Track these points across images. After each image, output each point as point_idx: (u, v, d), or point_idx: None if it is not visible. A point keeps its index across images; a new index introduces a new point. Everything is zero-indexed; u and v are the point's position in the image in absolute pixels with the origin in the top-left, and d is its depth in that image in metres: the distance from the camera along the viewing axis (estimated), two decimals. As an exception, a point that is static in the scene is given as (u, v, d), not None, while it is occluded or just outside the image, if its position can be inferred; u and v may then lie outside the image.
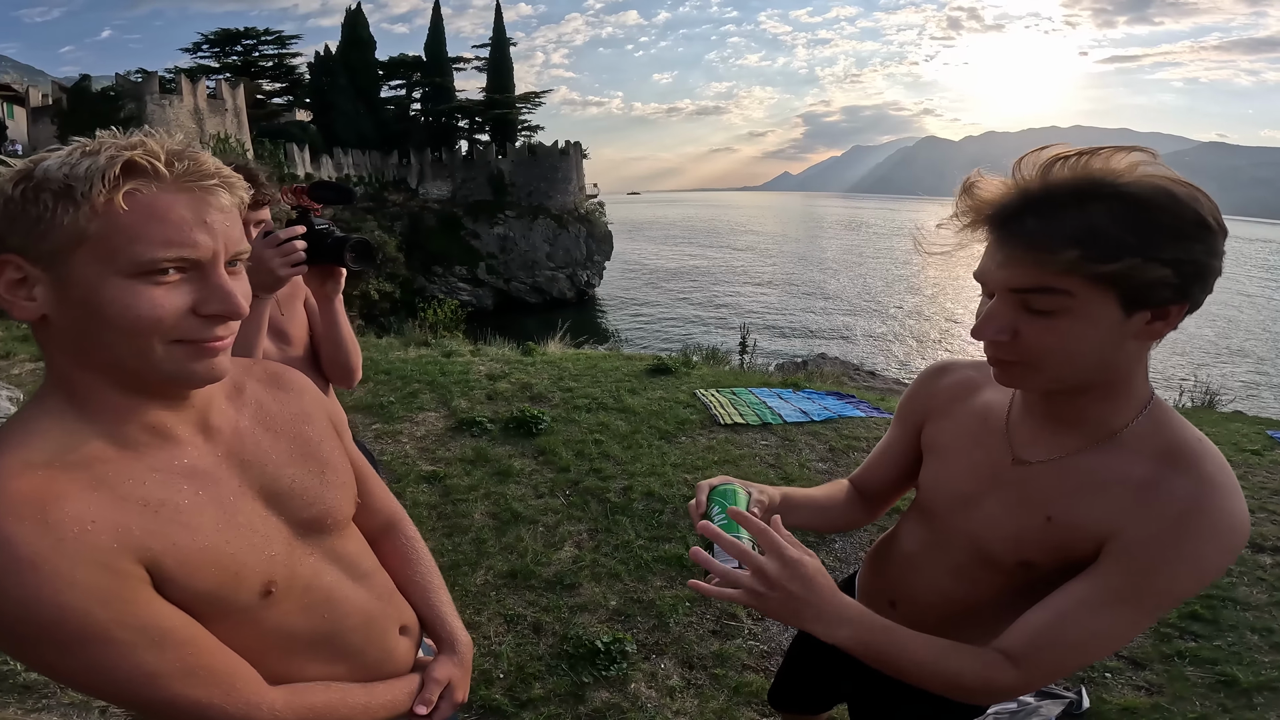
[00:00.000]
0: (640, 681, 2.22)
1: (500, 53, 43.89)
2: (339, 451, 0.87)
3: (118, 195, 0.59)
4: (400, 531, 1.04)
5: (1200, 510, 0.72)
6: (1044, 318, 0.71)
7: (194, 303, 0.64)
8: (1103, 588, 0.76)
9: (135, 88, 26.95)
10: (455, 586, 2.68)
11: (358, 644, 0.83)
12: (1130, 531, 0.75)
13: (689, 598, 2.64)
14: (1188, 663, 2.31)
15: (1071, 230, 0.67)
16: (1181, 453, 0.76)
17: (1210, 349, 28.17)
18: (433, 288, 30.71)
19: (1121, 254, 0.66)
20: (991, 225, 0.73)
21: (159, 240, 0.61)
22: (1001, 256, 0.72)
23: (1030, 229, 0.69)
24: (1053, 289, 0.69)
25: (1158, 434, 0.78)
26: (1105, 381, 0.78)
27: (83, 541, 0.58)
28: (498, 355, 6.00)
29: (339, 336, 1.59)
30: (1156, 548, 0.73)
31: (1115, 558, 0.76)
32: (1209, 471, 0.74)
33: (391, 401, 4.56)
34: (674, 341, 21.76)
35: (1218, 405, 6.54)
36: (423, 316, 9.49)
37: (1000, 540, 0.88)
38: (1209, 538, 0.72)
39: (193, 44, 39.37)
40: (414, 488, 3.44)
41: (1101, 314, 0.70)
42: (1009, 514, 0.87)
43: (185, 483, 0.68)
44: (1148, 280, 0.67)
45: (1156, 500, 0.74)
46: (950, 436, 0.98)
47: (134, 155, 0.59)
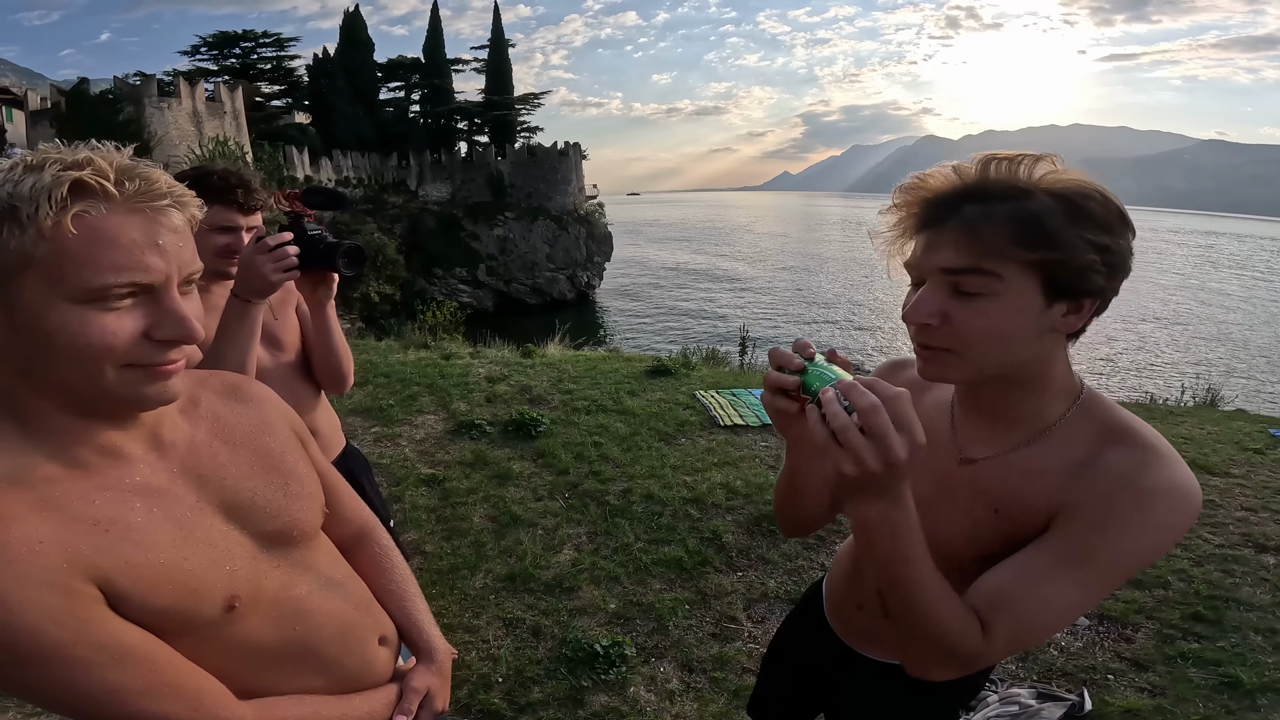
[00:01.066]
0: (640, 685, 2.21)
1: (499, 54, 43.88)
2: (303, 462, 0.86)
3: (65, 218, 0.56)
4: (373, 540, 1.02)
5: (1142, 470, 0.74)
6: (972, 301, 0.73)
7: (147, 327, 0.62)
8: (1050, 551, 0.77)
9: (134, 91, 26.95)
10: (454, 590, 2.67)
11: (334, 655, 0.81)
12: (1074, 498, 0.77)
13: (688, 600, 2.63)
14: (1191, 664, 2.29)
15: (1006, 216, 0.71)
16: (1116, 430, 0.79)
17: (1210, 347, 28.15)
18: (432, 289, 30.71)
19: (1053, 240, 0.69)
20: (929, 212, 0.76)
21: (109, 265, 0.58)
22: (937, 241, 0.75)
23: (967, 213, 0.72)
24: (984, 270, 0.72)
25: (1091, 421, 0.81)
26: (1027, 375, 0.80)
27: (31, 562, 0.57)
28: (497, 357, 5.99)
29: (331, 342, 1.58)
30: (1101, 510, 0.75)
31: (1061, 524, 0.77)
32: (1146, 439, 0.77)
33: (391, 404, 4.55)
34: (673, 342, 21.75)
35: (1219, 404, 6.52)
36: (422, 319, 9.49)
37: (956, 539, 0.89)
38: (1156, 498, 0.73)
39: (191, 47, 39.35)
40: (413, 490, 3.43)
41: (1026, 300, 0.73)
42: (961, 513, 0.88)
43: (137, 500, 0.66)
44: (1076, 266, 0.70)
45: (1097, 471, 0.77)
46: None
47: (82, 176, 0.57)
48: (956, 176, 0.75)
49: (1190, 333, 30.54)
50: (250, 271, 1.25)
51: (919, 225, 0.77)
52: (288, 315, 1.64)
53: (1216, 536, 3.06)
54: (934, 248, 0.75)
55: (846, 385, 0.65)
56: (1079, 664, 2.32)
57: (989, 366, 0.78)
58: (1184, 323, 33.41)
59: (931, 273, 0.76)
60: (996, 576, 0.79)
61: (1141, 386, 17.48)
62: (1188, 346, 27.84)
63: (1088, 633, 2.48)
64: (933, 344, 0.78)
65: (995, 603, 0.76)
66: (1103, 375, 21.97)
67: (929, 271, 0.76)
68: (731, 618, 2.54)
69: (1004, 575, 0.78)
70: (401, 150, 37.91)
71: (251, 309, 1.29)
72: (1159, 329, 31.51)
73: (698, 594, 2.67)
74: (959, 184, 0.74)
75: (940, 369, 0.81)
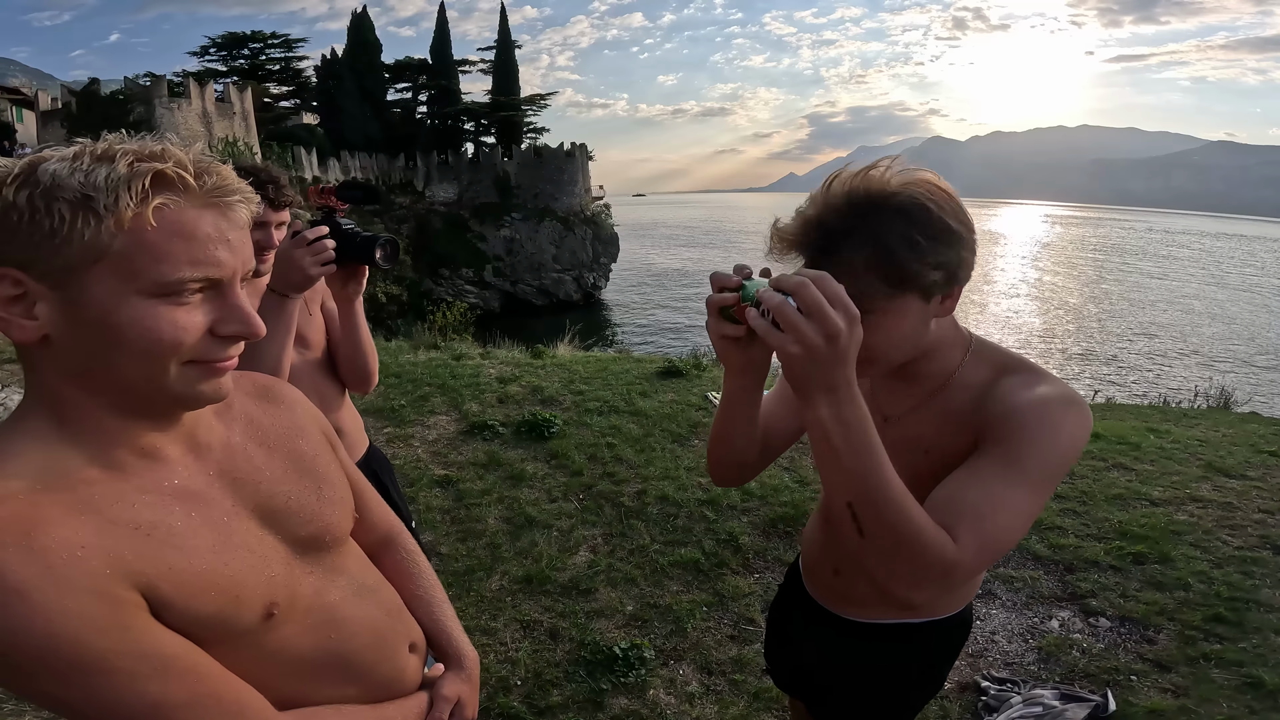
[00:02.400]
0: (659, 688, 2.21)
1: (505, 55, 43.96)
2: (334, 465, 0.85)
3: (147, 210, 0.55)
4: (400, 546, 1.00)
5: (1035, 386, 0.88)
6: (867, 321, 0.78)
7: (212, 322, 0.62)
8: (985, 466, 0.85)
9: (144, 91, 27.11)
10: (470, 592, 2.67)
11: (368, 663, 0.80)
12: (987, 420, 0.88)
13: (706, 602, 2.62)
14: (1213, 665, 2.28)
15: (859, 252, 0.81)
16: (1007, 363, 0.94)
17: (1218, 349, 27.97)
18: (439, 290, 30.80)
19: (904, 266, 0.81)
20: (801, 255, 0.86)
21: (185, 259, 0.58)
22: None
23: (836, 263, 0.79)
24: (868, 298, 0.80)
25: (985, 361, 0.95)
26: (927, 350, 0.94)
27: (73, 568, 0.55)
28: (507, 358, 5.99)
29: (358, 340, 1.58)
30: (1015, 419, 0.85)
31: (983, 442, 0.88)
32: (1033, 367, 0.92)
33: (403, 405, 4.56)
34: (683, 343, 21.73)
35: (1233, 406, 6.48)
36: (431, 319, 9.50)
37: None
38: (1053, 403, 0.85)
39: (200, 48, 39.62)
40: (427, 492, 3.44)
41: (909, 307, 0.85)
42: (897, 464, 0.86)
43: (177, 504, 0.65)
44: (928, 282, 0.83)
45: (999, 392, 0.89)
46: None
47: (166, 168, 0.56)
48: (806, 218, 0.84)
49: (1202, 335, 30.36)
50: (289, 265, 1.26)
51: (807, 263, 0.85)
52: (315, 313, 1.64)
53: (1235, 539, 3.04)
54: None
55: (777, 277, 0.72)
56: (1102, 665, 2.30)
57: (897, 359, 0.92)
58: (1193, 326, 33.17)
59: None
60: (943, 491, 0.85)
61: (1153, 389, 17.38)
62: (1199, 346, 27.67)
63: (1110, 634, 2.46)
64: None
65: (952, 510, 0.80)
66: (1115, 382, 21.85)
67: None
68: (749, 619, 2.53)
69: (950, 488, 0.85)
70: (409, 151, 38.04)
71: (288, 304, 1.29)
72: (1165, 330, 31.31)
73: (715, 596, 2.67)
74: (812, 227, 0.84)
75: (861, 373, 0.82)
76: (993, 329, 32.78)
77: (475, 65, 45.39)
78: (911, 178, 0.83)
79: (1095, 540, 3.04)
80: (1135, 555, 2.88)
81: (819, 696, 1.29)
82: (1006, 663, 2.37)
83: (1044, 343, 29.25)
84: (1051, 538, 3.05)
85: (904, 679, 1.17)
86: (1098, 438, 4.17)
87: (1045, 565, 2.89)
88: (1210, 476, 3.68)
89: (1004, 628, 2.54)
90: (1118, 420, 5.03)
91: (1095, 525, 3.16)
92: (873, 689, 1.19)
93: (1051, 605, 2.65)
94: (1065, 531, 3.09)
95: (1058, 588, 2.75)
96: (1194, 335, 29.60)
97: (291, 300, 1.30)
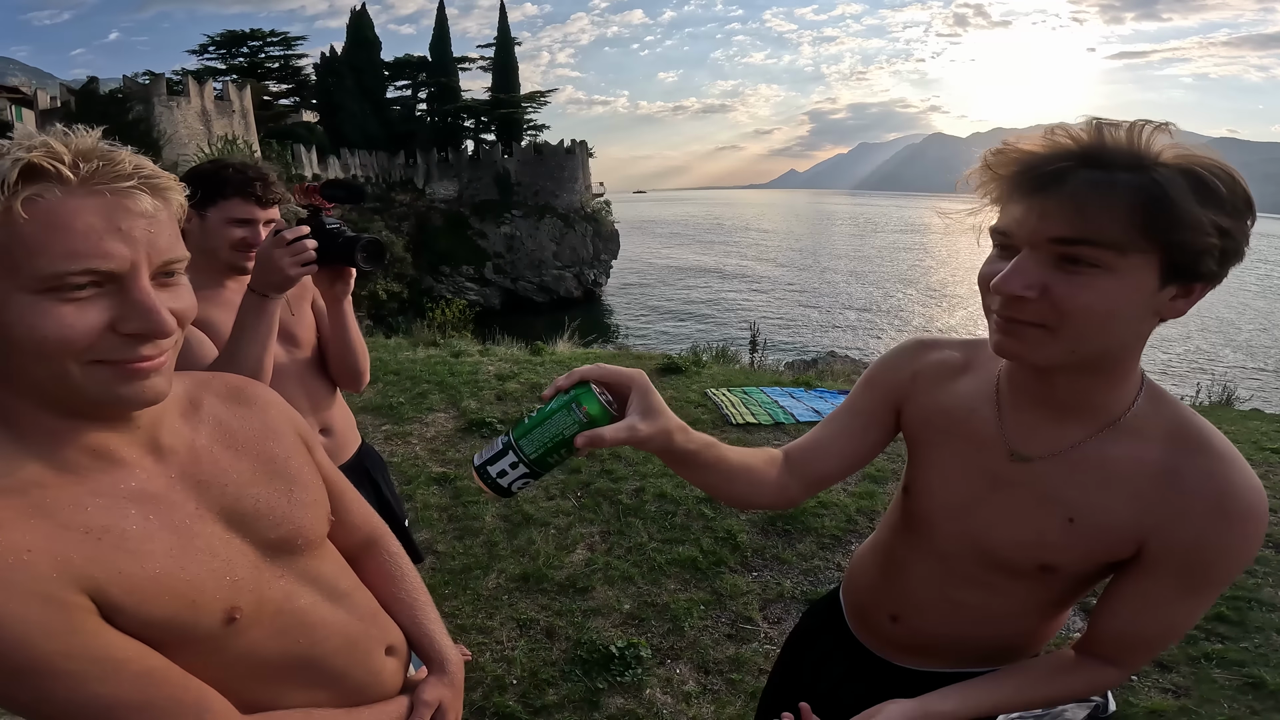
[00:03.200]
0: (655, 687, 2.19)
1: (505, 53, 43.92)
2: (308, 467, 0.83)
3: (15, 202, 0.53)
4: (382, 548, 0.99)
5: (1228, 494, 0.73)
6: (1080, 274, 0.67)
7: (112, 320, 0.58)
8: (1164, 590, 0.77)
9: (143, 90, 27.09)
10: (467, 590, 2.66)
11: (340, 667, 0.78)
12: (1168, 530, 0.75)
13: (703, 601, 2.60)
14: (1214, 665, 2.26)
15: (1131, 187, 0.64)
16: (1189, 433, 0.75)
17: (1229, 345, 27.95)
18: (440, 287, 30.79)
19: (1180, 218, 0.63)
20: (1035, 177, 0.67)
21: (62, 252, 0.55)
22: (1048, 207, 0.66)
23: (1086, 180, 0.65)
24: (1100, 241, 0.65)
25: (1160, 415, 0.77)
26: (1113, 361, 0.74)
27: (19, 572, 0.55)
28: (506, 355, 5.98)
29: (348, 339, 1.56)
30: (1204, 546, 0.74)
31: (1164, 561, 0.76)
32: (1221, 449, 0.74)
33: (401, 402, 4.54)
34: (683, 340, 21.73)
35: (1235, 403, 6.46)
36: (431, 316, 9.48)
37: (1014, 546, 0.83)
38: (1246, 517, 0.73)
39: (199, 46, 39.61)
40: (424, 489, 3.42)
41: (1141, 278, 0.66)
42: (1020, 518, 0.82)
43: (133, 507, 0.63)
44: (1197, 248, 0.64)
45: (1185, 488, 0.74)
46: (936, 427, 0.90)
47: (33, 157, 0.54)
48: (1069, 140, 0.67)
49: (1216, 333, 30.33)
50: (268, 265, 1.23)
51: (1024, 190, 0.68)
52: (304, 311, 1.62)
53: (1238, 537, 3.02)
54: (1044, 214, 0.66)
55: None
56: (1101, 666, 2.29)
57: (1082, 348, 0.71)
58: (1216, 325, 33.20)
59: (1037, 242, 0.68)
60: (1117, 624, 0.81)
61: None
62: (1209, 342, 27.65)
63: (1109, 635, 2.45)
64: (1023, 318, 0.70)
65: (1125, 644, 0.82)
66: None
67: (1034, 240, 0.68)
68: (747, 618, 2.52)
69: (1124, 621, 0.81)
70: (408, 149, 38.03)
71: (269, 304, 1.26)
72: (1165, 328, 31.27)
73: (713, 594, 2.65)
74: (1072, 147, 0.66)
75: (1025, 347, 0.72)
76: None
77: (475, 62, 45.38)
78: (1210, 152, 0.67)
79: (1096, 538, 3.02)
80: (1137, 553, 2.86)
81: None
82: (1007, 662, 2.35)
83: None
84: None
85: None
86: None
87: (1046, 563, 2.87)
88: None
89: (1004, 627, 2.52)
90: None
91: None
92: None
93: (1052, 604, 2.63)
94: (1066, 529, 3.07)
95: (1058, 586, 2.73)
96: (1198, 336, 29.54)
97: (272, 300, 1.26)
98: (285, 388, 1.45)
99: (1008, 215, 0.70)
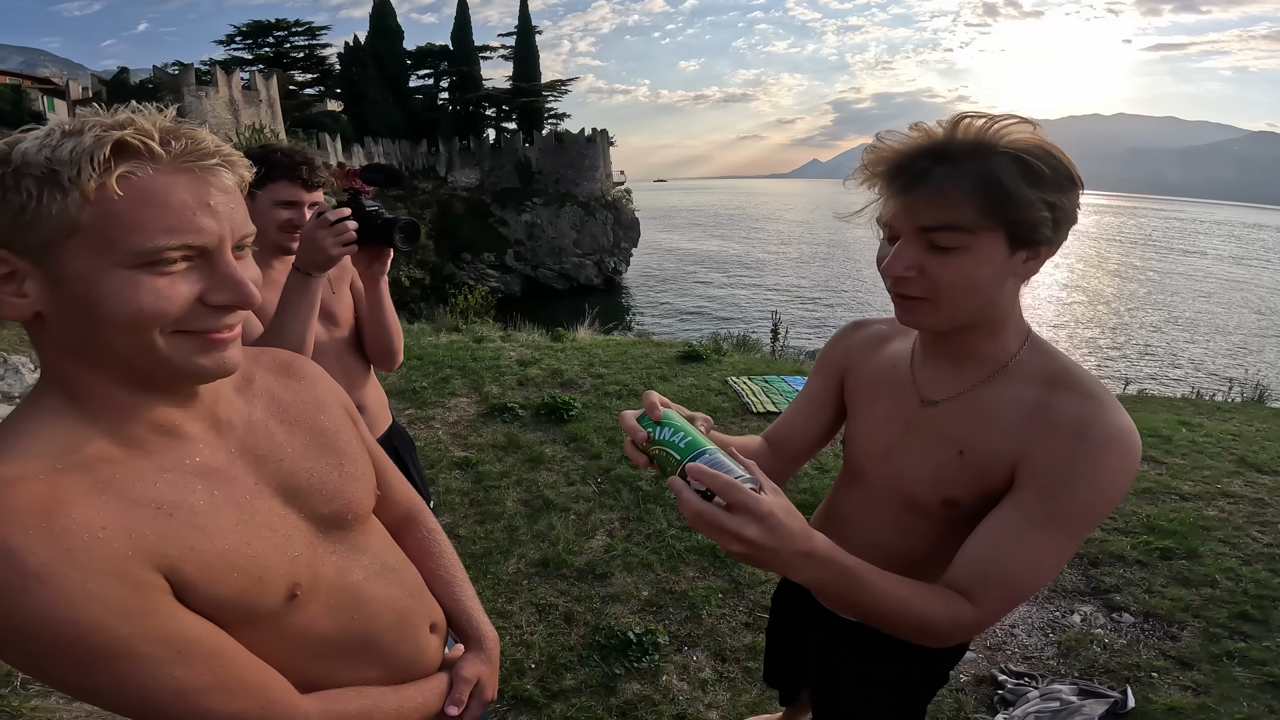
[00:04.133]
0: (672, 674, 2.21)
1: (526, 41, 43.77)
2: (356, 441, 0.83)
3: (110, 179, 0.53)
4: (421, 524, 0.99)
5: (1091, 423, 0.81)
6: (946, 254, 0.81)
7: (201, 291, 0.60)
8: (1023, 515, 0.83)
9: (172, 80, 27.44)
10: (487, 575, 2.70)
11: (390, 644, 0.79)
12: (1033, 455, 0.84)
13: (721, 589, 2.62)
14: (1236, 663, 2.23)
15: (974, 177, 0.77)
16: (1063, 375, 0.87)
17: (1255, 342, 27.25)
18: (461, 274, 30.97)
19: (1013, 200, 0.77)
20: (899, 175, 0.81)
21: (160, 227, 0.56)
22: (912, 201, 0.80)
23: (938, 176, 0.78)
24: (956, 226, 0.79)
25: (1040, 363, 0.89)
26: (991, 318, 0.88)
27: (94, 550, 0.54)
28: (528, 341, 6.01)
29: (383, 318, 1.62)
30: (1060, 467, 0.82)
31: (1026, 484, 0.84)
32: (1090, 389, 0.85)
33: (424, 387, 4.60)
34: (703, 328, 21.65)
35: (1267, 400, 6.31)
36: (453, 302, 9.55)
37: (921, 482, 0.95)
38: (1107, 449, 0.80)
39: (226, 36, 39.93)
40: (446, 474, 3.47)
41: (993, 251, 0.80)
42: (925, 454, 0.95)
43: (199, 482, 0.63)
44: (1032, 221, 0.78)
45: (1051, 420, 0.84)
46: (866, 387, 1.06)
47: (124, 135, 0.54)
48: (926, 138, 0.80)
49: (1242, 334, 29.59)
50: (311, 245, 1.30)
51: (896, 188, 0.81)
52: (343, 292, 1.68)
53: (1265, 535, 2.96)
54: (910, 208, 0.81)
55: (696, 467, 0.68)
56: (1123, 661, 2.26)
57: (961, 313, 0.86)
58: (1232, 320, 32.37)
59: (910, 230, 0.82)
60: (976, 551, 0.85)
61: (1187, 380, 17.00)
62: (1236, 342, 26.98)
63: (1132, 630, 2.42)
64: (910, 294, 0.85)
65: (981, 576, 0.83)
66: (1148, 373, 21.41)
67: (908, 229, 0.82)
68: (765, 607, 2.52)
69: (982, 548, 0.84)
70: (431, 137, 38.16)
71: (312, 282, 1.33)
72: (1203, 320, 30.56)
73: (731, 582, 2.66)
74: (928, 145, 0.80)
75: (917, 317, 0.87)
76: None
77: (496, 51, 45.32)
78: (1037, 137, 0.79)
79: (1122, 534, 2.98)
80: (1163, 550, 2.82)
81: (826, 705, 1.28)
82: (1025, 656, 2.34)
83: (1077, 329, 28.71)
84: (1075, 530, 2.99)
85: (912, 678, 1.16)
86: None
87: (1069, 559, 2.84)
88: (1242, 471, 3.59)
89: (1024, 621, 2.50)
90: (1149, 413, 4.92)
91: (1123, 519, 3.09)
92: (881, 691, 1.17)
93: (1074, 599, 2.61)
94: (1090, 524, 3.03)
95: (1081, 582, 2.70)
96: (1236, 330, 28.83)
97: (315, 279, 1.34)
98: (324, 365, 1.50)
99: (888, 209, 0.84)
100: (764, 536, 0.67)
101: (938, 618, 0.81)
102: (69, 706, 1.93)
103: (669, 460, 0.73)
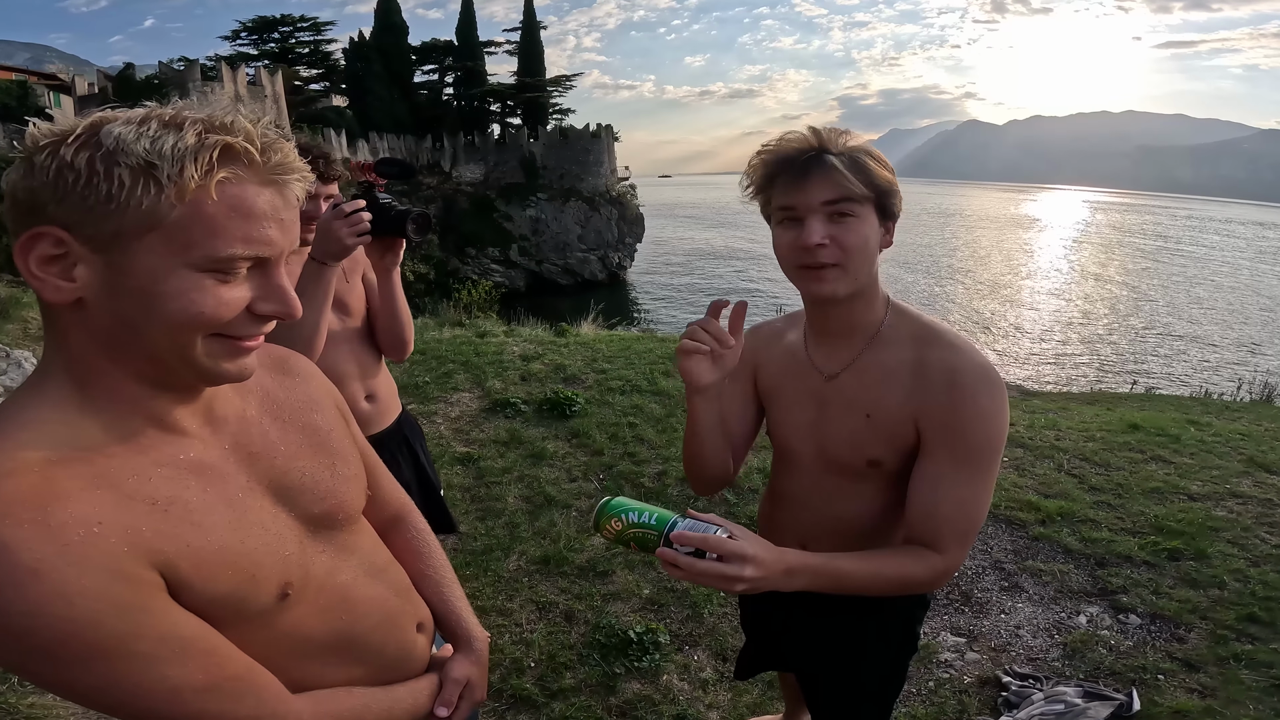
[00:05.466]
0: (673, 673, 2.19)
1: (531, 37, 43.70)
2: (348, 441, 0.83)
3: (210, 183, 0.54)
4: (409, 524, 0.99)
5: (957, 368, 0.99)
6: (846, 222, 0.96)
7: (251, 300, 0.60)
8: (936, 467, 1.00)
9: (178, 75, 27.53)
10: (488, 572, 2.68)
11: (376, 644, 0.79)
12: (926, 410, 1.00)
13: (723, 587, 2.60)
14: (1243, 665, 2.20)
15: (850, 162, 0.96)
16: (926, 332, 1.04)
17: (1266, 340, 27.09)
18: (466, 269, 30.97)
19: (877, 176, 0.97)
20: (800, 163, 0.97)
21: (240, 236, 0.56)
22: (809, 183, 0.96)
23: (831, 161, 0.96)
24: (851, 197, 0.96)
25: (904, 323, 1.06)
26: (869, 285, 1.03)
27: (90, 546, 0.53)
28: (531, 336, 5.99)
29: (395, 309, 1.65)
30: (949, 415, 0.98)
31: (930, 438, 1.01)
32: (950, 338, 1.03)
33: (427, 381, 4.58)
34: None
35: (1276, 400, 6.26)
36: (457, 297, 9.53)
37: (843, 447, 1.08)
38: (975, 387, 0.97)
39: (231, 32, 40.09)
40: (448, 469, 3.45)
41: (873, 220, 0.98)
42: (839, 423, 1.09)
43: (193, 478, 0.62)
44: (890, 199, 0.99)
45: (927, 376, 1.00)
46: (775, 377, 1.19)
47: (233, 141, 0.55)
48: (810, 138, 0.98)
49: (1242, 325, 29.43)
50: (327, 235, 1.34)
51: (795, 174, 0.97)
52: (356, 282, 1.69)
53: (1274, 536, 2.92)
54: (816, 188, 0.96)
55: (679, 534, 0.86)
56: (1129, 663, 2.24)
57: (861, 274, 1.00)
58: (1248, 318, 32.19)
59: (815, 207, 0.96)
60: (917, 509, 1.00)
61: (1195, 379, 16.91)
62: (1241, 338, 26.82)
63: (1139, 632, 2.39)
64: (825, 261, 0.97)
65: (930, 529, 0.99)
66: (1156, 372, 21.32)
67: (813, 206, 0.96)
68: (766, 606, 2.51)
69: (922, 505, 1.00)
70: (436, 132, 38.19)
71: (327, 271, 1.38)
72: (1210, 319, 30.39)
73: (732, 581, 2.64)
74: (813, 142, 0.98)
75: (829, 284, 0.99)
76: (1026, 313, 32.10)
77: (501, 47, 45.31)
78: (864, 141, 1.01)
79: (1129, 534, 2.95)
80: (1170, 551, 2.79)
81: (809, 680, 1.34)
82: (1030, 658, 2.31)
83: (1082, 328, 28.59)
84: (1084, 531, 2.96)
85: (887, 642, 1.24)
86: (1136, 429, 4.05)
87: (1076, 559, 2.81)
88: (1251, 471, 3.55)
89: (1029, 622, 2.48)
90: (1157, 411, 4.88)
91: (1130, 519, 3.06)
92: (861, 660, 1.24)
93: (1080, 600, 2.58)
94: (1099, 525, 3.00)
95: (1088, 582, 2.67)
96: (1242, 327, 28.67)
97: (330, 268, 1.38)
98: (337, 353, 1.57)
99: (789, 195, 0.98)
100: (757, 572, 0.84)
101: (916, 572, 0.98)
102: (67, 704, 1.93)
103: (647, 539, 0.88)
